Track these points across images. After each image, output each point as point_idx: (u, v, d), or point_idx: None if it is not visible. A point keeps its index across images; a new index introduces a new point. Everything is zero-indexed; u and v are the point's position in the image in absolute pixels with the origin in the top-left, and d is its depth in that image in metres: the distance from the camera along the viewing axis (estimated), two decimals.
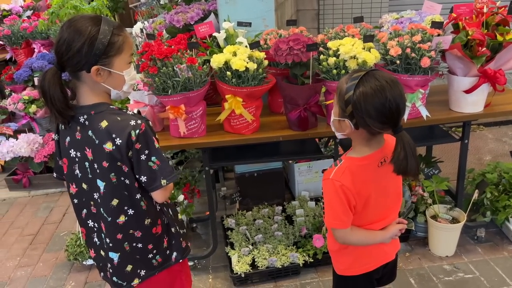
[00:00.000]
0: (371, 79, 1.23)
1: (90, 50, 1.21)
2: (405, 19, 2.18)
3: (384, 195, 1.39)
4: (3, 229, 3.00)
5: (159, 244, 1.44)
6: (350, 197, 1.31)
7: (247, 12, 2.32)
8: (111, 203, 1.33)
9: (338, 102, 1.30)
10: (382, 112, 1.22)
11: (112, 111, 1.29)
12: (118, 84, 1.32)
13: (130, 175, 1.31)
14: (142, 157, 1.28)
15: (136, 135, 1.25)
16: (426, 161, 2.58)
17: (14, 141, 3.34)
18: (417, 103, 2.03)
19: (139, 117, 1.29)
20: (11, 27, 4.08)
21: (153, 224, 1.41)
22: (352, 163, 1.33)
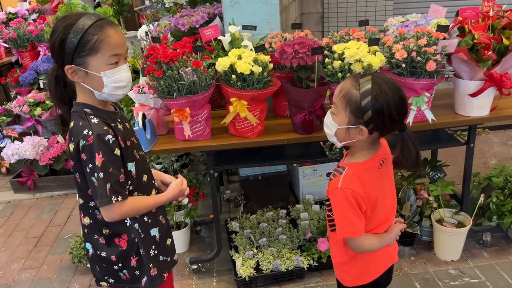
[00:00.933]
0: (380, 81, 1.24)
1: (61, 49, 1.21)
2: (411, 23, 2.17)
3: (385, 197, 1.40)
4: (8, 231, 3.01)
5: (124, 259, 1.39)
6: (361, 202, 1.30)
7: (252, 16, 2.33)
8: (79, 199, 1.36)
9: (348, 109, 1.26)
10: (401, 111, 1.24)
11: (81, 114, 1.27)
12: (97, 86, 1.26)
13: (83, 182, 1.30)
14: (87, 170, 1.24)
15: (82, 145, 1.23)
16: (431, 165, 2.57)
17: (19, 144, 3.35)
18: (422, 106, 2.02)
19: (95, 128, 1.24)
20: (16, 30, 4.10)
21: (114, 235, 1.37)
22: (357, 168, 1.32)
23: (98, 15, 1.25)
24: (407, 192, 2.45)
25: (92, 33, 1.20)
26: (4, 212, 3.27)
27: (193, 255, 2.56)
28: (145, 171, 1.42)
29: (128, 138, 1.35)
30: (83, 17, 1.21)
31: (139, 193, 1.38)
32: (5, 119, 3.77)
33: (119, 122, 1.34)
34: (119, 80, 1.28)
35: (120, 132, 1.31)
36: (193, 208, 2.54)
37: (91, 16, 1.22)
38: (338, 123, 1.30)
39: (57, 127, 3.94)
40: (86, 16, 1.22)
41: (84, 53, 1.21)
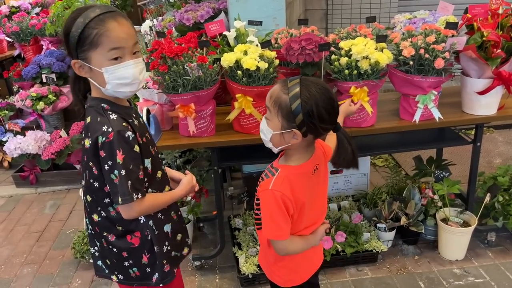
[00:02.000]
0: (309, 83, 1.23)
1: (67, 43, 1.20)
2: (418, 20, 2.15)
3: (315, 202, 1.40)
4: (10, 226, 3.00)
5: (136, 257, 1.38)
6: (289, 206, 1.29)
7: (258, 11, 2.31)
8: (87, 197, 1.34)
9: (280, 115, 1.24)
10: (331, 112, 1.24)
11: (99, 109, 1.25)
12: (101, 81, 1.23)
13: (99, 178, 1.26)
14: (106, 167, 1.22)
15: (102, 142, 1.20)
16: (436, 164, 2.55)
17: (21, 138, 3.33)
18: (429, 104, 2.00)
19: (115, 125, 1.21)
20: (19, 23, 4.08)
21: (126, 233, 1.35)
22: (290, 171, 1.31)
23: (106, 7, 1.21)
24: (412, 191, 2.43)
25: (92, 27, 1.17)
26: (6, 207, 3.26)
27: (196, 252, 2.54)
28: (159, 167, 1.40)
29: (144, 134, 1.33)
30: (88, 10, 1.19)
31: (154, 189, 1.36)
32: (8, 113, 3.76)
33: (134, 118, 1.32)
34: (123, 76, 1.22)
35: (137, 128, 1.29)
36: (196, 205, 2.53)
37: (96, 9, 1.19)
38: (273, 129, 1.28)
39: (59, 121, 3.93)
40: (91, 9, 1.19)
41: (85, 47, 1.18)
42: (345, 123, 2.05)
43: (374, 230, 2.40)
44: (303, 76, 1.26)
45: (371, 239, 2.35)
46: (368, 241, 2.34)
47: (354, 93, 1.93)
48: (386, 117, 2.16)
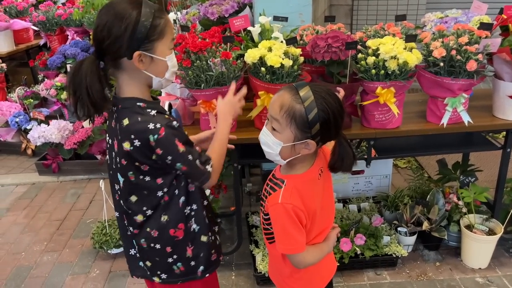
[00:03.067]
0: (320, 91, 1.18)
1: (132, 34, 1.14)
2: (450, 19, 2.07)
3: (325, 206, 1.34)
4: (32, 213, 3.06)
5: (180, 250, 1.37)
6: (302, 216, 1.23)
7: (284, 6, 2.27)
8: (130, 199, 1.30)
9: (293, 126, 1.17)
10: (343, 118, 1.21)
11: (135, 109, 1.21)
12: (161, 71, 1.24)
13: (152, 172, 1.25)
14: (168, 161, 1.22)
15: (155, 140, 1.17)
16: (463, 169, 2.47)
17: (45, 127, 3.38)
18: (458, 108, 1.93)
19: (160, 120, 1.20)
20: (46, 13, 4.13)
21: (170, 224, 1.33)
22: (297, 181, 1.25)
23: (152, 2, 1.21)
24: (436, 196, 2.37)
25: (159, 16, 1.18)
26: (28, 194, 3.32)
27: None
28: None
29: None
30: (144, 1, 1.17)
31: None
32: (33, 101, 3.81)
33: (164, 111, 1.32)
34: (175, 64, 1.30)
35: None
36: (214, 200, 2.52)
37: (149, 1, 1.19)
38: (283, 141, 1.21)
39: None
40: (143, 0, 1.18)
41: (154, 37, 1.18)
42: (369, 124, 2.01)
43: (394, 233, 2.35)
44: (309, 83, 1.20)
45: (391, 243, 2.30)
46: (388, 245, 2.29)
47: (381, 94, 1.87)
48: (412, 119, 2.10)
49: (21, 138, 3.78)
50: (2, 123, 3.67)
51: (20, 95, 3.83)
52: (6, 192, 3.36)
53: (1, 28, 4.07)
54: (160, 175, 1.27)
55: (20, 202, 3.21)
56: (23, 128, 3.60)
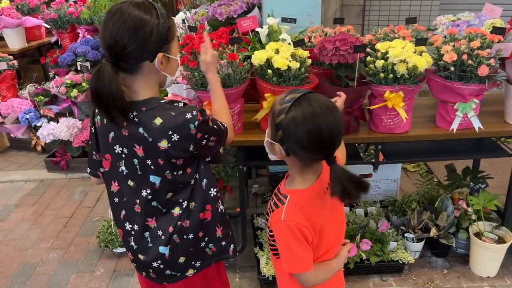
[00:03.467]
0: (304, 103, 1.11)
1: (157, 37, 1.16)
2: (462, 22, 2.03)
3: (333, 221, 1.28)
4: (40, 209, 3.08)
5: (211, 231, 1.38)
6: (307, 234, 1.18)
7: (292, 7, 2.24)
8: (166, 196, 1.29)
9: (271, 123, 1.18)
10: (313, 142, 1.11)
11: (164, 106, 1.21)
12: (174, 70, 1.28)
13: (184, 164, 1.26)
14: (204, 143, 1.24)
15: (196, 127, 1.19)
16: (473, 175, 2.42)
17: (54, 125, 3.41)
18: (469, 113, 1.89)
19: (192, 108, 1.22)
20: (57, 11, 4.15)
21: (198, 209, 1.33)
22: (300, 196, 1.20)
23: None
24: (445, 202, 2.33)
25: (169, 16, 1.21)
26: (37, 190, 3.35)
27: None
28: None
29: None
30: (150, 2, 1.19)
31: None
32: (43, 98, 3.84)
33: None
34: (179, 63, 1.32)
35: None
36: None
37: (152, 2, 1.21)
38: (267, 135, 1.23)
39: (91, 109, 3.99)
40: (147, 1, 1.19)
41: (171, 37, 1.21)
42: (377, 128, 1.97)
43: (401, 239, 2.32)
44: (309, 93, 1.15)
45: (397, 248, 2.26)
46: (395, 251, 2.26)
47: (389, 98, 1.84)
48: (421, 123, 2.06)
49: (31, 134, 3.81)
50: (13, 120, 3.71)
51: (31, 92, 3.86)
52: (15, 188, 3.39)
53: (12, 25, 4.11)
54: (189, 164, 1.28)
55: (28, 198, 3.24)
56: (33, 125, 3.63)
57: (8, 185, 3.43)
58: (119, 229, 1.41)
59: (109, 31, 1.14)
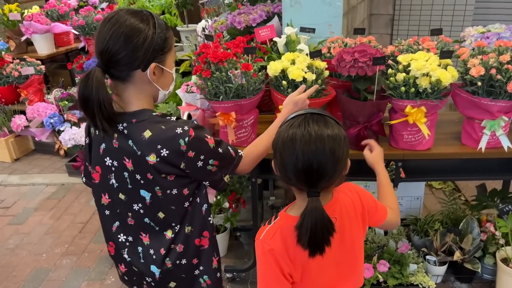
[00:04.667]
0: (296, 123, 1.05)
1: (150, 45, 1.12)
2: (492, 34, 1.91)
3: (331, 264, 1.15)
4: (58, 214, 3.11)
5: (207, 261, 1.32)
6: (282, 263, 1.09)
7: (313, 17, 2.17)
8: (157, 215, 1.23)
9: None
10: (291, 166, 1.03)
11: (155, 119, 1.17)
12: (167, 84, 1.25)
13: (178, 182, 1.20)
14: (199, 164, 1.18)
15: (186, 143, 1.14)
16: (501, 196, 2.27)
17: (76, 130, 3.45)
18: (497, 131, 1.77)
19: (184, 123, 1.17)
20: (85, 18, 4.23)
21: (194, 234, 1.28)
22: (286, 222, 1.11)
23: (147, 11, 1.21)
24: (470, 224, 2.19)
25: (168, 28, 1.19)
26: (57, 194, 3.39)
27: (230, 262, 2.47)
28: None
29: None
30: (150, 12, 1.17)
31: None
32: (67, 103, 3.90)
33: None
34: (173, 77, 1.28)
35: None
36: (233, 215, 2.45)
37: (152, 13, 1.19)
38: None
39: None
40: (150, 12, 1.17)
41: (166, 48, 1.18)
42: (397, 144, 1.87)
43: (422, 262, 2.19)
44: (317, 114, 1.07)
45: (418, 272, 2.14)
46: (415, 274, 2.13)
47: (410, 113, 1.74)
48: (445, 140, 1.94)
49: (54, 138, 3.87)
50: (38, 124, 3.78)
51: (56, 97, 3.93)
52: (36, 191, 3.44)
53: (41, 31, 4.21)
54: (186, 185, 1.23)
55: (48, 202, 3.27)
56: (57, 129, 3.69)
57: (29, 188, 3.49)
58: (110, 242, 1.35)
59: (102, 36, 1.11)
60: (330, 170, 1.03)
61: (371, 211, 1.23)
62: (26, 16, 4.18)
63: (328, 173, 1.03)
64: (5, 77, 3.97)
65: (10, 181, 3.59)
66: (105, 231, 1.35)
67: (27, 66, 3.97)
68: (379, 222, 1.28)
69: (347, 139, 1.08)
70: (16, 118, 3.86)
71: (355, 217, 1.18)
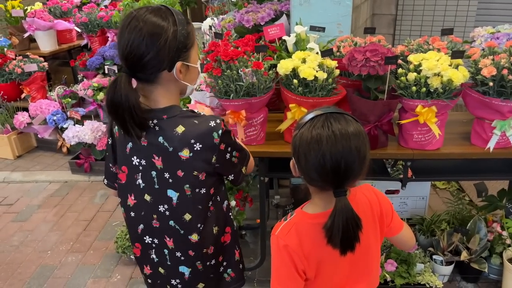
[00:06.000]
0: (319, 123, 1.03)
1: (174, 45, 1.09)
2: (503, 35, 1.91)
3: (345, 263, 1.14)
4: (62, 211, 3.09)
5: (230, 255, 1.34)
6: (297, 260, 1.09)
7: (322, 16, 2.18)
8: (183, 217, 1.22)
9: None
10: (315, 167, 1.03)
11: (186, 114, 1.17)
12: (194, 78, 1.23)
13: (207, 182, 1.20)
14: (227, 156, 1.20)
15: (219, 136, 1.15)
16: (509, 197, 2.27)
17: (79, 127, 3.44)
18: (508, 131, 1.77)
19: (214, 116, 1.18)
20: (88, 15, 4.22)
21: (220, 233, 1.30)
22: (302, 219, 1.12)
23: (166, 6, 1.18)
24: (478, 224, 2.19)
25: (188, 22, 1.15)
26: (60, 192, 3.38)
27: None
28: None
29: None
30: (171, 8, 1.14)
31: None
32: (70, 101, 3.89)
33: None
34: (199, 71, 1.27)
35: None
36: (239, 213, 2.45)
37: (173, 8, 1.16)
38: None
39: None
40: (170, 7, 1.14)
41: (189, 45, 1.15)
42: (407, 144, 1.87)
43: (429, 261, 2.19)
44: (337, 113, 1.06)
45: (425, 271, 2.14)
46: (422, 273, 2.14)
47: (421, 113, 1.74)
48: (454, 140, 1.95)
49: (57, 136, 3.86)
50: (40, 121, 3.77)
51: (59, 94, 3.92)
52: (39, 188, 3.43)
53: (44, 28, 4.19)
54: (213, 184, 1.23)
55: (51, 199, 3.26)
56: (60, 127, 3.68)
57: (32, 185, 3.48)
58: (136, 244, 1.34)
59: (124, 40, 1.08)
60: (357, 169, 1.03)
61: (388, 216, 1.22)
62: (29, 13, 4.17)
63: (354, 172, 1.03)
64: (8, 73, 3.96)
65: (13, 178, 3.58)
66: (131, 232, 1.34)
67: (30, 63, 3.95)
68: (394, 232, 1.26)
69: (367, 136, 1.08)
70: (18, 115, 3.84)
71: (372, 217, 1.18)
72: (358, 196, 1.17)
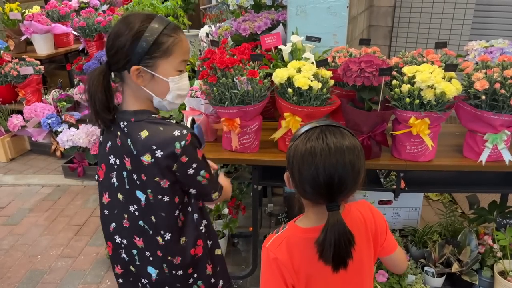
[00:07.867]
0: (315, 135, 1.02)
1: (133, 47, 1.11)
2: (496, 49, 1.93)
3: (337, 281, 1.11)
4: (53, 216, 3.07)
5: (201, 268, 1.33)
6: (286, 274, 1.07)
7: (318, 26, 2.19)
8: (151, 218, 1.24)
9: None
10: (310, 180, 1.01)
11: (153, 120, 1.19)
12: (161, 91, 1.20)
13: (170, 190, 1.20)
14: (190, 171, 1.18)
15: (181, 147, 1.14)
16: (500, 210, 2.29)
17: (74, 131, 3.43)
18: (499, 145, 1.79)
19: (184, 127, 1.18)
20: (86, 19, 4.23)
21: (189, 245, 1.30)
22: (294, 233, 1.10)
23: (168, 20, 1.19)
24: (468, 236, 2.20)
25: (168, 34, 1.15)
26: (52, 196, 3.36)
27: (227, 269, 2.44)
28: None
29: None
30: (157, 17, 1.16)
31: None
32: (66, 104, 3.89)
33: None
34: (183, 88, 1.23)
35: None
36: (232, 221, 2.44)
37: (164, 18, 1.18)
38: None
39: None
40: (160, 17, 1.17)
41: (157, 54, 1.15)
42: (400, 155, 1.88)
43: (420, 273, 2.19)
44: (333, 126, 1.05)
45: (416, 282, 2.14)
46: (413, 285, 2.14)
47: (414, 124, 1.76)
48: (446, 152, 1.96)
49: (51, 139, 3.85)
50: (35, 124, 3.75)
51: (54, 98, 3.91)
52: (31, 192, 3.41)
53: (42, 31, 4.19)
54: (178, 193, 1.23)
55: (43, 203, 3.24)
56: (54, 130, 3.66)
57: (24, 189, 3.45)
58: (108, 242, 1.36)
59: (109, 31, 1.19)
60: (350, 183, 1.02)
61: (383, 235, 1.20)
62: (26, 16, 4.17)
63: (348, 186, 1.02)
64: (3, 76, 3.95)
65: (5, 181, 3.55)
66: (104, 230, 1.36)
67: (26, 65, 3.95)
68: (387, 252, 1.24)
69: (363, 150, 1.07)
70: (13, 117, 3.83)
71: (365, 234, 1.16)
72: (352, 212, 1.15)
